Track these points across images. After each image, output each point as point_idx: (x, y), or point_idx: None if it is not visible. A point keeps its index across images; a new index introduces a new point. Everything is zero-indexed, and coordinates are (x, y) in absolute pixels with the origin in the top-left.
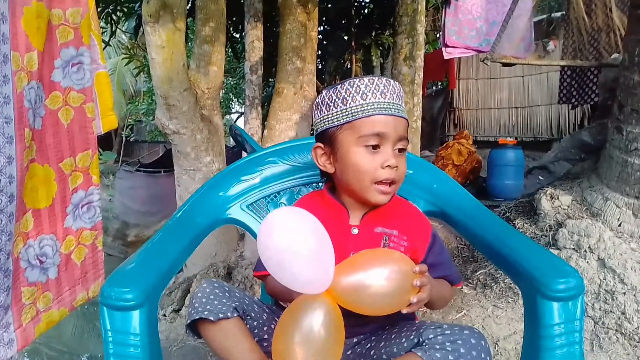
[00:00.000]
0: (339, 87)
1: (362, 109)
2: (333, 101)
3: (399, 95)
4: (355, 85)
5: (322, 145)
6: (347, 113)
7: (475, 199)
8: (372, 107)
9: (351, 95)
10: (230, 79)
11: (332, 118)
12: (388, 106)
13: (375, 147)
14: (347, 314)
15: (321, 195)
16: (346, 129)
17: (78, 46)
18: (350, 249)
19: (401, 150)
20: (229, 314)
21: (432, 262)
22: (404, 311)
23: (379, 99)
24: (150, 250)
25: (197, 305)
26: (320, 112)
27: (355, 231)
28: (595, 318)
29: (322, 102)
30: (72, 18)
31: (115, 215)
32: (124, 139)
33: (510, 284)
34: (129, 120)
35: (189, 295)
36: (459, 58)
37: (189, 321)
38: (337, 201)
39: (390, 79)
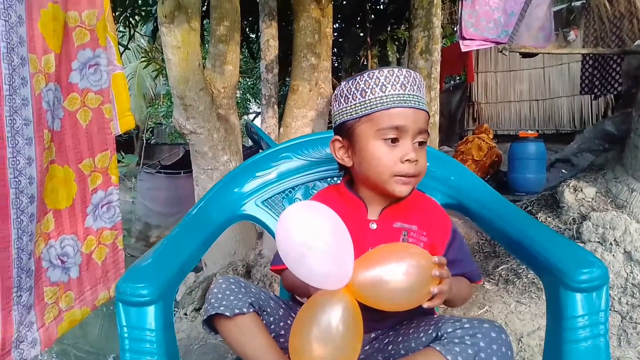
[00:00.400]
0: (358, 78)
1: (381, 101)
2: (352, 93)
3: (420, 87)
4: (374, 77)
5: (340, 138)
6: (365, 105)
7: (494, 191)
8: (392, 99)
9: (370, 87)
10: (247, 79)
11: (351, 110)
12: (408, 98)
13: (394, 140)
14: (364, 309)
15: (338, 189)
16: (364, 122)
17: (94, 48)
18: (369, 244)
19: (421, 144)
20: (244, 310)
21: (452, 259)
22: (425, 305)
23: (399, 91)
24: (166, 247)
25: (213, 300)
26: (338, 104)
27: (374, 226)
28: (622, 313)
29: (340, 94)
30: (88, 20)
31: (138, 217)
32: (144, 141)
33: (534, 279)
34: (149, 123)
35: None
36: (477, 51)
37: (205, 316)
38: (355, 195)
39: (410, 70)
